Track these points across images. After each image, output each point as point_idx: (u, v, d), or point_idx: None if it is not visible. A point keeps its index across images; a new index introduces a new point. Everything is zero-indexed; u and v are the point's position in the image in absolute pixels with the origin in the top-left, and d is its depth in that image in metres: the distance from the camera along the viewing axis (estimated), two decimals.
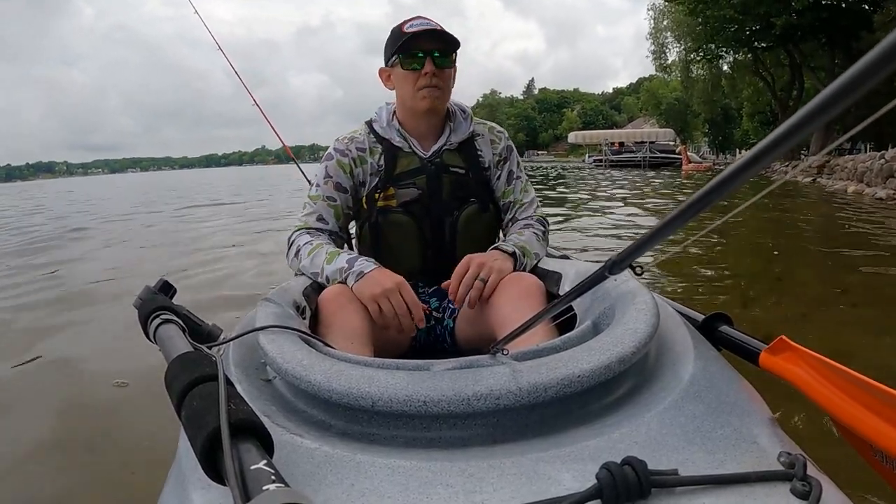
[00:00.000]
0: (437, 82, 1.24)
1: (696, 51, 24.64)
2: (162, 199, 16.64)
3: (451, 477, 0.56)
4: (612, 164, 30.36)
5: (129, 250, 6.27)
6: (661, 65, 31.76)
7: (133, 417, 1.98)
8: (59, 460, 1.72)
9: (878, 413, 0.61)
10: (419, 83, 1.23)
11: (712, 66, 27.33)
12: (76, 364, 2.56)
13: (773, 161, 0.34)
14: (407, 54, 1.23)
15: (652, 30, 30.79)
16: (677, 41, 28.53)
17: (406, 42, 1.21)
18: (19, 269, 5.12)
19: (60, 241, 7.18)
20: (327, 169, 1.30)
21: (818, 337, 2.48)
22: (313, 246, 1.21)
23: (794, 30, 18.45)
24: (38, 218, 11.78)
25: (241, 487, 0.42)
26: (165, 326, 0.83)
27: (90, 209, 13.73)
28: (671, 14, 27.69)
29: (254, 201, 13.29)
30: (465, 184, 1.30)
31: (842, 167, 12.02)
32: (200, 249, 5.71)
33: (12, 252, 6.38)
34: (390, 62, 1.27)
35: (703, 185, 0.39)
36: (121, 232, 8.06)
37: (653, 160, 28.77)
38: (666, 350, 0.80)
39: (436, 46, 1.23)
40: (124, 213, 11.89)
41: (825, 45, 19.31)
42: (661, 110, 43.42)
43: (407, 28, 1.23)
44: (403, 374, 0.68)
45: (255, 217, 9.15)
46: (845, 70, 0.26)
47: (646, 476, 0.50)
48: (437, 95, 1.25)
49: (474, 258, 1.15)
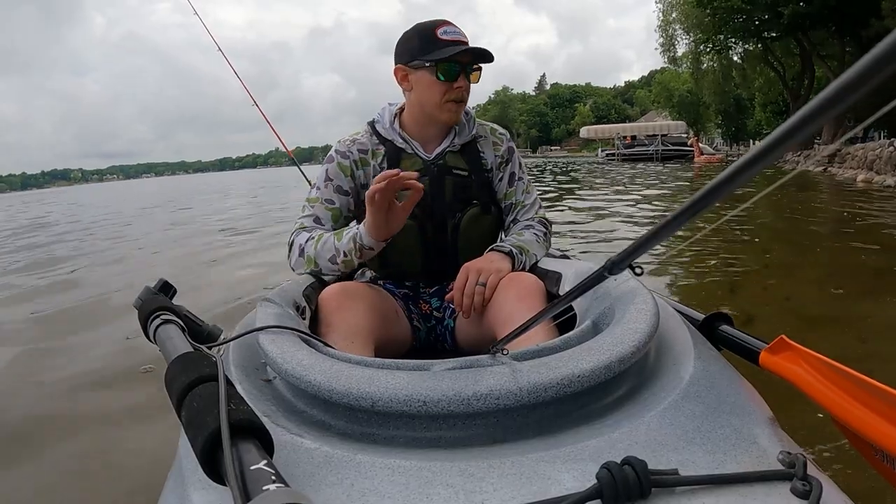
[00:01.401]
0: (464, 97, 1.25)
1: (704, 42, 24.52)
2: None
3: (451, 477, 0.56)
4: (625, 157, 30.32)
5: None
6: (671, 57, 31.59)
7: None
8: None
9: (879, 412, 0.61)
10: (448, 95, 1.22)
11: (721, 57, 27.11)
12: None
13: (773, 162, 0.34)
14: (443, 63, 1.20)
15: (661, 22, 30.64)
16: (686, 33, 28.26)
17: (448, 52, 1.19)
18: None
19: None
20: (328, 171, 1.29)
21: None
22: (316, 237, 1.22)
23: (803, 18, 18.32)
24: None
25: (241, 487, 0.42)
26: (165, 327, 0.83)
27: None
28: (679, 6, 27.55)
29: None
30: (468, 186, 1.29)
31: (853, 156, 11.93)
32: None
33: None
34: (413, 63, 1.23)
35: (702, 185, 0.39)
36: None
37: (665, 153, 28.73)
38: (666, 350, 0.80)
39: (473, 60, 1.23)
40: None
41: (835, 34, 19.18)
42: (673, 103, 42.92)
43: (441, 34, 1.20)
44: (403, 374, 0.68)
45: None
46: (856, 58, 0.25)
47: (646, 476, 0.50)
48: (461, 109, 1.27)
49: (472, 266, 1.15)
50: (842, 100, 0.26)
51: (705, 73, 30.33)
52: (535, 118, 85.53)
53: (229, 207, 13.86)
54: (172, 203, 17.75)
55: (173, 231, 9.21)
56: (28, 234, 10.66)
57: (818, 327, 2.66)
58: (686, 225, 0.43)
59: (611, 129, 37.78)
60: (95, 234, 9.58)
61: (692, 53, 28.91)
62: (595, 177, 17.43)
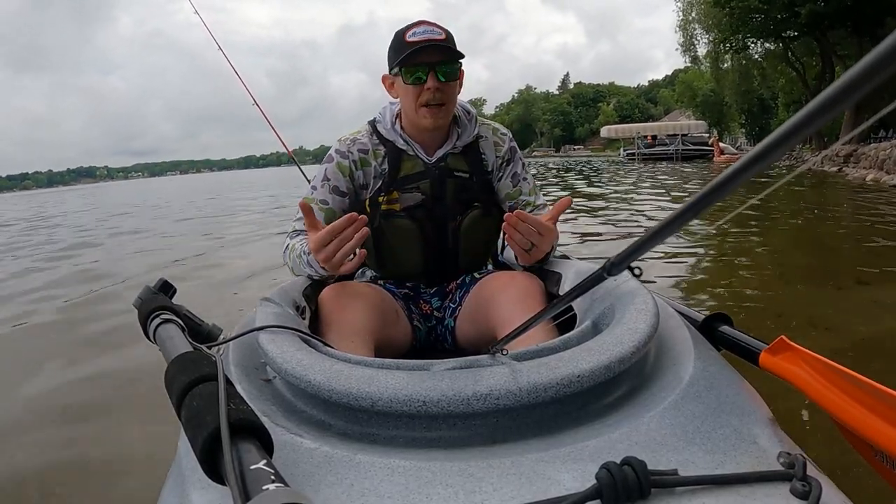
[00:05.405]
0: (440, 98, 1.18)
1: (723, 42, 24.44)
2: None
3: (451, 477, 0.56)
4: (645, 157, 30.31)
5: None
6: (692, 56, 31.49)
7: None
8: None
9: (879, 413, 0.61)
10: (421, 99, 1.18)
11: (741, 56, 26.97)
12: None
13: (772, 162, 0.34)
14: (408, 67, 1.17)
15: (681, 21, 30.56)
16: (706, 32, 28.17)
17: (408, 54, 1.15)
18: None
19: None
20: (326, 172, 1.27)
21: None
22: (290, 247, 1.21)
23: (821, 18, 18.24)
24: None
25: (240, 487, 0.42)
26: (165, 326, 0.83)
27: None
28: (698, 5, 27.48)
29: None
30: (469, 188, 1.28)
31: (866, 156, 11.91)
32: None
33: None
34: (393, 71, 1.21)
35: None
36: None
37: (685, 152, 28.67)
38: (666, 350, 0.80)
39: (439, 59, 1.16)
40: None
41: (852, 33, 19.13)
42: (696, 102, 42.48)
43: (409, 36, 1.16)
44: (403, 374, 0.68)
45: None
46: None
47: (645, 476, 0.50)
48: (441, 114, 1.20)
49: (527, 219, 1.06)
50: (841, 101, 0.26)
51: (726, 73, 30.24)
52: (558, 117, 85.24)
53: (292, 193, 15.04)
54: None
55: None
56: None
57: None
58: (682, 228, 0.43)
59: (631, 128, 37.53)
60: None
61: (712, 53, 28.85)
62: (602, 175, 17.55)
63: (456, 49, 1.18)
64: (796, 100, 29.37)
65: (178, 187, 32.67)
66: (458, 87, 1.25)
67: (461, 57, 1.20)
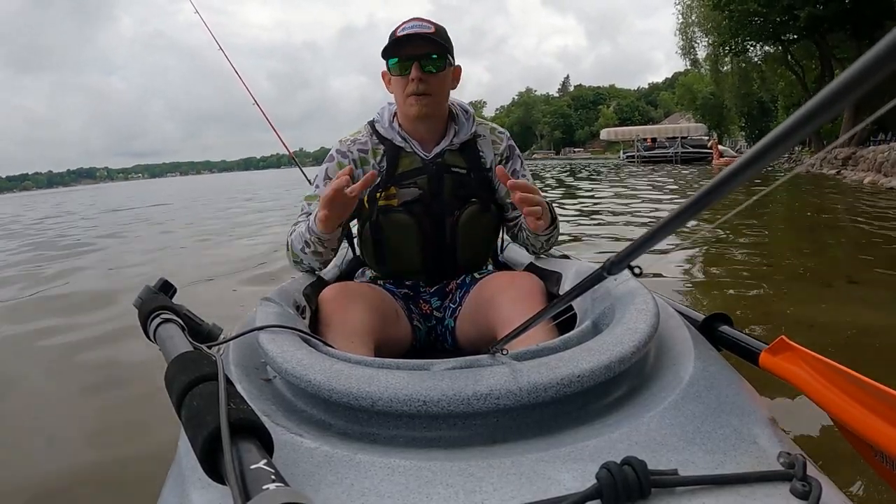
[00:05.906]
0: (424, 88, 1.21)
1: (722, 45, 24.46)
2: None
3: (451, 477, 0.56)
4: (644, 160, 30.35)
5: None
6: (692, 59, 31.51)
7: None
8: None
9: (879, 413, 0.61)
10: (408, 89, 1.22)
11: (740, 59, 26.93)
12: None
13: (771, 162, 0.34)
14: (394, 58, 1.22)
15: (680, 25, 30.57)
16: (705, 35, 28.15)
17: (393, 46, 1.20)
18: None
19: None
20: (327, 171, 1.30)
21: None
22: (294, 231, 1.26)
23: (819, 21, 18.27)
24: None
25: (240, 487, 0.42)
26: (165, 326, 0.83)
27: None
28: (698, 8, 27.49)
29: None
30: (467, 183, 1.29)
31: (864, 158, 11.93)
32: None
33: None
34: (387, 66, 1.27)
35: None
36: None
37: (684, 155, 28.68)
38: (666, 350, 0.80)
39: (423, 51, 1.20)
40: None
41: (851, 36, 19.17)
42: (696, 105, 42.45)
43: (399, 31, 1.21)
44: (403, 374, 0.68)
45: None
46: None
47: (646, 476, 0.50)
48: (427, 102, 1.23)
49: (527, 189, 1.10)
50: (839, 100, 0.26)
51: (725, 76, 30.24)
52: (558, 120, 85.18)
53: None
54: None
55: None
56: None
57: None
58: (682, 228, 0.43)
59: (631, 131, 37.50)
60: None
61: (712, 56, 28.86)
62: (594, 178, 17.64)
63: (442, 42, 1.21)
64: (796, 102, 29.28)
65: (191, 189, 32.49)
66: (452, 82, 1.29)
67: (447, 49, 1.23)
